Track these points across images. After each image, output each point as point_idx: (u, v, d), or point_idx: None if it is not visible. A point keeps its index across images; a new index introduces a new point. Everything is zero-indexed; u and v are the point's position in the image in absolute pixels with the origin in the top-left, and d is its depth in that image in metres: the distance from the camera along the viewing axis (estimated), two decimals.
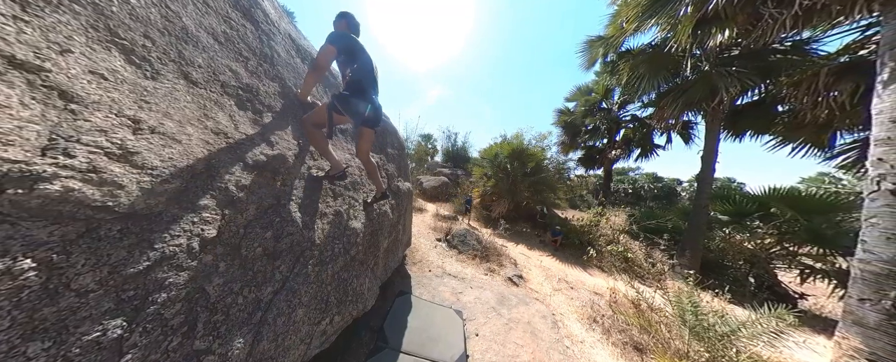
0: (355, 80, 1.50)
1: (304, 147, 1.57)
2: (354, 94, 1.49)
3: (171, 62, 0.99)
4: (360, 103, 1.50)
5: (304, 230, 1.24)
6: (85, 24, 0.75)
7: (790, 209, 4.03)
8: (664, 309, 2.76)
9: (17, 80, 0.57)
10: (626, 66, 5.45)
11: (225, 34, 1.29)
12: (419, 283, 3.41)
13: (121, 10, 0.86)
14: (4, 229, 0.47)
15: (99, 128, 0.68)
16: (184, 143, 0.87)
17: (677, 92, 5.16)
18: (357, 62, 1.51)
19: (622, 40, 5.62)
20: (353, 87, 1.50)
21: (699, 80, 4.82)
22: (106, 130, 0.69)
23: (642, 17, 4.12)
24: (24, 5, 0.64)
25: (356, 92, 1.49)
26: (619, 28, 5.46)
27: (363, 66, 1.52)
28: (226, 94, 1.20)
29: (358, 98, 1.49)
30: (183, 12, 1.08)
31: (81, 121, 0.65)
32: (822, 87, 3.22)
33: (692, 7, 3.36)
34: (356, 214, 1.75)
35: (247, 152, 1.13)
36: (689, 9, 3.37)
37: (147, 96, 0.85)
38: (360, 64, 1.52)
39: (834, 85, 3.19)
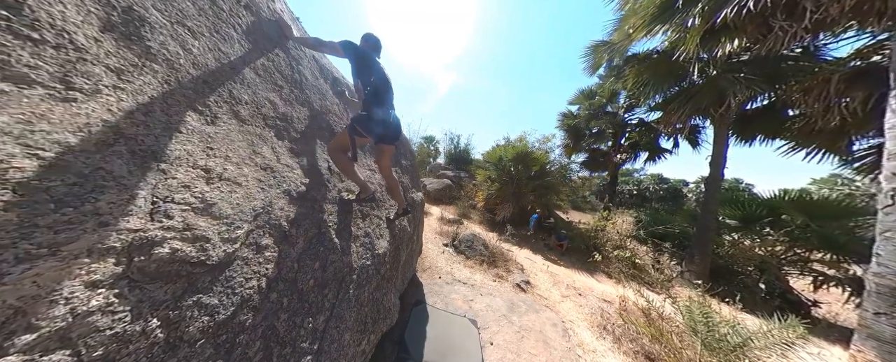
0: (372, 96, 1.54)
1: (333, 170, 1.64)
2: (372, 113, 1.53)
3: (225, 103, 1.06)
4: (378, 122, 1.54)
5: (343, 256, 1.31)
6: (161, 81, 0.82)
7: (802, 214, 4.03)
8: (675, 318, 2.86)
9: (124, 150, 0.64)
10: (632, 70, 5.50)
11: (263, 66, 1.35)
12: (431, 291, 3.50)
13: (186, 60, 0.92)
14: (136, 294, 0.54)
15: (184, 184, 0.75)
16: (244, 186, 0.94)
17: (684, 97, 5.23)
18: (373, 76, 1.55)
19: (628, 46, 5.67)
20: (370, 105, 1.54)
21: (707, 86, 4.89)
22: (188, 185, 0.76)
23: (650, 26, 4.18)
24: (119, 73, 0.71)
25: (373, 109, 1.53)
26: (625, 34, 5.51)
27: (379, 82, 1.56)
28: (267, 127, 1.27)
29: (376, 116, 1.53)
30: (231, 52, 1.15)
31: (170, 180, 0.72)
32: (834, 94, 3.23)
33: (700, 19, 3.41)
34: (382, 233, 1.83)
35: (290, 184, 1.21)
36: (697, 20, 3.43)
37: (210, 142, 0.92)
38: (376, 79, 1.56)
39: (845, 92, 3.20)
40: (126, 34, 0.76)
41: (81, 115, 0.59)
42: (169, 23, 0.89)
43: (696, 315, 2.46)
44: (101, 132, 0.61)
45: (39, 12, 0.58)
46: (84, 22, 0.66)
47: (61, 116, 0.56)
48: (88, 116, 0.60)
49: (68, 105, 0.58)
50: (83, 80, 0.62)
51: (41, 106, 0.54)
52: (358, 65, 1.55)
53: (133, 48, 0.77)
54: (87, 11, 0.68)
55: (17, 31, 0.54)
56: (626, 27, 5.76)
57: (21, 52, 0.54)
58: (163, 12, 0.88)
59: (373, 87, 1.54)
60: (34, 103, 0.53)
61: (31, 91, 0.54)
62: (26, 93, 0.53)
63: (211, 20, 1.07)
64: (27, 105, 0.52)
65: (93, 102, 0.63)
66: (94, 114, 0.62)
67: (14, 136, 0.48)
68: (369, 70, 1.55)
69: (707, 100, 4.77)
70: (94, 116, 0.62)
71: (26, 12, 0.56)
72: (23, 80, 0.53)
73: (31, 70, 0.55)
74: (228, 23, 1.16)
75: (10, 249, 0.42)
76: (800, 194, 4.18)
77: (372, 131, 1.53)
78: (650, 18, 4.22)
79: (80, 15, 0.66)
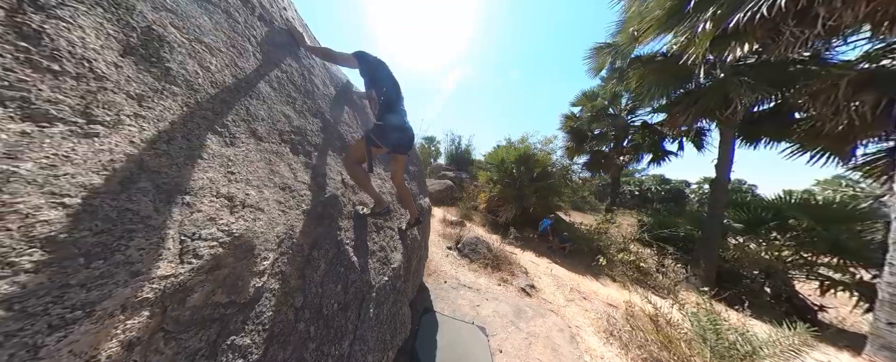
0: (386, 105, 1.51)
1: (347, 183, 1.61)
2: (388, 121, 1.49)
3: (242, 122, 1.01)
4: (395, 128, 1.50)
5: (361, 274, 1.28)
6: (181, 105, 0.78)
7: (808, 218, 4.02)
8: (682, 324, 2.87)
9: (149, 186, 0.60)
10: (636, 73, 5.47)
11: (277, 78, 1.31)
12: (438, 296, 3.48)
13: (205, 80, 0.88)
14: (172, 347, 0.51)
15: (209, 217, 0.71)
16: (266, 211, 0.90)
17: (690, 99, 5.21)
18: (385, 86, 1.53)
19: (633, 49, 5.63)
20: (385, 113, 1.50)
21: (713, 89, 4.87)
22: (214, 217, 0.72)
23: (658, 31, 4.14)
24: (140, 99, 0.67)
25: (389, 118, 1.50)
26: (630, 37, 5.47)
27: (392, 90, 1.54)
28: (283, 142, 1.23)
29: (392, 123, 1.50)
30: (247, 66, 1.10)
31: (196, 213, 0.68)
32: (842, 98, 3.21)
33: (711, 24, 3.38)
34: (396, 245, 1.80)
35: (309, 203, 1.17)
36: (708, 25, 3.40)
37: (231, 166, 0.88)
38: (389, 87, 1.53)
39: (855, 96, 3.17)
40: (146, 56, 0.71)
41: (105, 152, 0.55)
42: (187, 41, 0.84)
43: (704, 322, 2.46)
44: (125, 168, 0.57)
45: (59, 40, 0.54)
46: (104, 47, 0.62)
47: (85, 155, 0.52)
48: (112, 152, 0.56)
49: (91, 141, 0.54)
50: (105, 111, 0.58)
51: (64, 145, 0.50)
52: (371, 75, 1.52)
53: (153, 71, 0.72)
54: (106, 35, 0.63)
55: (37, 64, 0.50)
56: (630, 29, 5.72)
57: (41, 87, 0.50)
58: (181, 30, 0.83)
59: (386, 96, 1.51)
60: (56, 143, 0.49)
61: (53, 129, 0.50)
62: (48, 132, 0.48)
63: (227, 34, 1.02)
64: (49, 146, 0.48)
65: (115, 135, 0.58)
66: (117, 148, 0.58)
67: (39, 185, 0.44)
68: (382, 79, 1.52)
69: (713, 102, 4.74)
70: (118, 151, 0.57)
71: (46, 41, 0.52)
72: (44, 118, 0.49)
73: (52, 105, 0.51)
74: (244, 35, 1.11)
75: (43, 317, 0.39)
76: (806, 197, 4.17)
77: (388, 141, 1.49)
78: (659, 23, 4.18)
79: (100, 39, 0.62)
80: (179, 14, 0.84)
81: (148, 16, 0.75)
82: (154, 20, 0.76)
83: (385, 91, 1.51)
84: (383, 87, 1.51)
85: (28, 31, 0.50)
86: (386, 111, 1.50)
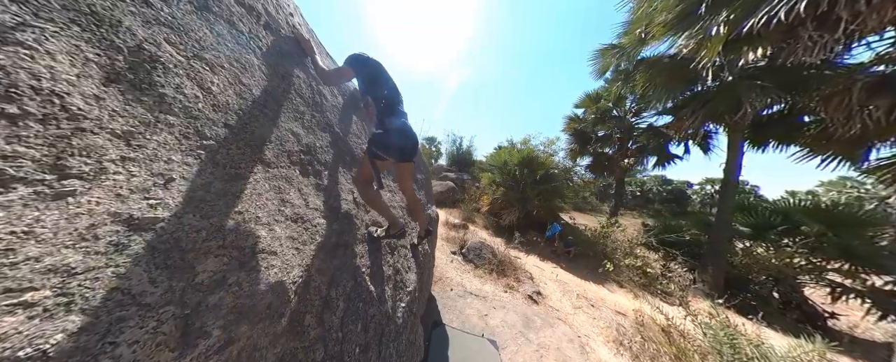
0: (386, 110, 1.38)
1: (358, 202, 1.49)
2: (389, 125, 1.36)
3: (248, 147, 0.89)
4: (396, 132, 1.36)
5: (379, 305, 1.18)
6: (179, 136, 0.65)
7: (818, 223, 3.94)
8: (694, 334, 2.81)
9: (142, 250, 0.49)
10: (642, 75, 5.37)
11: (284, 92, 1.18)
12: (445, 306, 3.40)
13: (206, 103, 0.75)
14: None
15: (216, 279, 0.59)
16: (279, 254, 0.79)
17: (697, 102, 5.12)
18: (386, 89, 1.40)
19: (639, 51, 5.53)
20: (385, 119, 1.37)
21: (722, 92, 4.78)
22: (223, 277, 0.61)
23: (668, 33, 4.04)
24: (128, 138, 0.54)
25: (390, 123, 1.36)
26: (637, 39, 5.36)
27: (391, 93, 1.41)
28: (292, 165, 1.11)
29: (393, 126, 1.36)
30: (252, 82, 0.97)
31: (200, 276, 0.57)
32: (856, 103, 3.13)
33: (725, 27, 3.28)
34: (409, 265, 1.69)
35: (323, 234, 1.05)
36: (722, 29, 3.30)
37: (238, 204, 0.76)
38: (389, 90, 1.41)
39: (869, 100, 3.09)
40: (135, 83, 0.59)
41: (82, 215, 0.43)
42: (185, 59, 0.72)
43: (719, 335, 2.40)
44: (111, 232, 0.46)
45: (17, 74, 0.42)
46: (81, 76, 0.49)
47: (55, 225, 0.40)
48: (92, 213, 0.44)
49: (63, 203, 0.42)
50: (82, 159, 0.46)
51: (25, 216, 0.38)
52: (369, 77, 1.38)
53: (144, 100, 0.60)
54: (84, 60, 0.51)
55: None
56: (637, 31, 5.61)
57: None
58: (178, 46, 0.70)
59: (387, 100, 1.38)
60: (15, 215, 0.37)
61: (10, 196, 0.38)
62: (2, 202, 0.37)
63: (230, 47, 0.89)
64: (3, 219, 0.36)
65: (96, 189, 0.46)
66: (98, 207, 0.46)
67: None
68: (380, 82, 1.38)
69: (722, 106, 4.66)
70: (100, 211, 0.46)
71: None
72: (1, 184, 0.37)
73: (9, 163, 0.39)
74: (248, 47, 0.98)
75: None
76: (815, 201, 4.11)
77: (391, 150, 1.35)
78: (670, 25, 4.08)
79: (76, 66, 0.49)
80: (176, 28, 0.71)
81: (138, 33, 0.62)
82: (145, 37, 0.63)
83: (386, 94, 1.38)
84: (384, 90, 1.38)
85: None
86: (387, 116, 1.36)
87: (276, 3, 1.23)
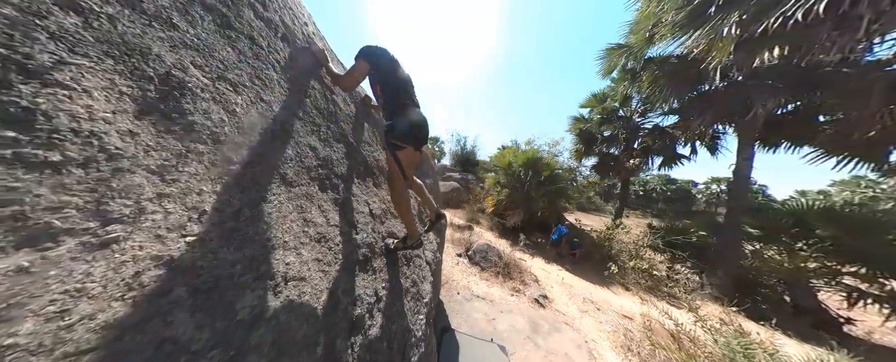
0: (397, 99, 1.35)
1: (373, 213, 1.48)
2: (402, 117, 1.32)
3: (271, 168, 0.87)
4: (408, 124, 1.32)
5: (400, 320, 1.17)
6: (208, 165, 0.64)
7: (833, 226, 3.83)
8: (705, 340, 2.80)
9: (185, 293, 0.47)
10: (648, 75, 5.30)
11: (302, 106, 1.16)
12: (452, 310, 3.40)
13: (231, 126, 0.73)
14: None
15: (254, 314, 0.58)
16: (308, 279, 0.78)
17: (705, 103, 5.06)
18: (399, 78, 1.37)
19: (646, 51, 5.46)
20: (397, 108, 1.34)
21: (730, 92, 4.71)
22: (260, 312, 0.60)
23: (677, 33, 3.97)
24: (162, 173, 0.53)
25: (402, 112, 1.33)
26: (645, 39, 5.28)
27: (404, 82, 1.38)
28: (311, 181, 1.09)
29: (405, 119, 1.32)
30: (272, 98, 0.95)
31: (241, 313, 0.55)
32: (875, 102, 3.04)
33: (738, 28, 3.22)
34: (424, 275, 1.69)
35: (346, 254, 1.04)
36: (734, 29, 3.23)
37: (267, 229, 0.74)
38: (402, 79, 1.39)
39: (890, 98, 3.00)
40: (166, 113, 0.57)
41: (128, 262, 0.42)
42: (210, 81, 0.70)
43: (733, 343, 2.39)
44: (155, 278, 0.44)
45: (58, 117, 0.40)
46: (116, 112, 0.48)
47: (103, 276, 0.39)
48: (136, 259, 0.43)
49: (109, 252, 0.41)
50: (122, 201, 0.45)
51: (75, 271, 0.37)
52: (381, 68, 1.35)
53: (174, 130, 0.58)
54: (119, 94, 0.49)
55: (30, 160, 0.36)
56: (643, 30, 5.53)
57: (39, 192, 0.36)
58: (204, 69, 0.68)
59: (400, 89, 1.37)
60: (65, 271, 0.36)
61: (59, 250, 0.36)
62: (53, 258, 0.35)
63: (251, 64, 0.87)
64: (56, 279, 0.35)
65: (137, 233, 0.45)
66: (141, 252, 0.44)
67: (47, 353, 0.31)
68: (393, 71, 1.36)
69: (731, 106, 4.60)
70: (143, 256, 0.44)
71: (41, 123, 0.38)
72: (47, 236, 0.36)
73: (55, 214, 0.37)
74: (267, 62, 0.96)
75: None
76: (829, 203, 4.00)
77: (407, 136, 1.31)
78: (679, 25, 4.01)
79: (111, 102, 0.48)
80: (201, 49, 0.69)
81: (166, 59, 0.60)
82: (173, 63, 0.61)
83: (399, 82, 1.36)
84: (397, 79, 1.36)
85: (17, 112, 0.37)
86: (400, 103, 1.34)
87: (292, 14, 1.21)
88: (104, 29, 0.49)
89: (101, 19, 0.49)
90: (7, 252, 0.32)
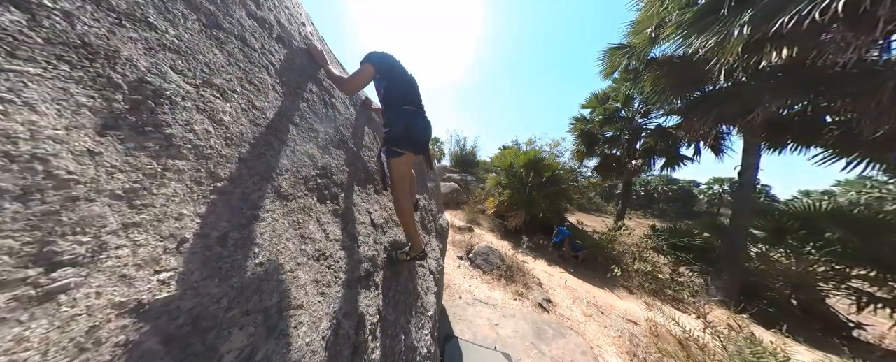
0: (393, 100, 1.34)
1: (375, 222, 1.40)
2: (401, 121, 1.31)
3: (264, 181, 0.79)
4: (408, 128, 1.31)
5: (405, 338, 1.10)
6: (190, 183, 0.56)
7: (843, 229, 3.75)
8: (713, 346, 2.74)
9: (155, 343, 0.39)
10: (651, 75, 5.23)
11: (299, 112, 1.08)
12: (455, 315, 3.34)
13: (218, 138, 0.65)
14: None
15: (243, 357, 0.51)
16: (306, 306, 0.70)
17: (709, 103, 4.99)
18: (404, 82, 1.37)
19: (649, 51, 5.38)
20: (398, 112, 1.33)
21: (735, 92, 4.64)
22: (251, 354, 0.52)
23: (682, 34, 3.89)
24: (130, 198, 0.45)
25: (401, 117, 1.32)
26: (646, 38, 5.20)
27: (408, 86, 1.38)
28: (309, 192, 1.01)
29: (405, 123, 1.30)
30: (266, 104, 0.87)
31: (226, 358, 0.48)
32: (888, 102, 2.98)
33: (749, 28, 3.14)
34: (428, 285, 1.61)
35: (346, 270, 0.96)
36: (747, 30, 3.15)
37: (259, 252, 0.66)
38: (407, 83, 1.38)
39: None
40: (137, 126, 0.49)
41: (80, 316, 0.34)
42: (194, 88, 0.62)
43: (745, 352, 2.32)
44: (117, 330, 0.36)
45: None
46: (70, 128, 0.40)
47: (43, 339, 0.31)
48: (91, 311, 0.35)
49: (53, 306, 0.33)
50: (75, 238, 0.37)
51: (1, 339, 0.29)
52: (389, 73, 1.34)
53: (148, 146, 0.50)
54: (74, 107, 0.41)
55: None
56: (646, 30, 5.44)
57: None
58: (185, 73, 0.60)
59: (404, 93, 1.36)
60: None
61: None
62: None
63: (242, 67, 0.79)
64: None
65: (95, 275, 0.37)
66: (98, 300, 0.36)
67: None
68: (399, 75, 1.36)
69: (736, 107, 4.53)
70: (100, 306, 0.36)
71: None
72: None
73: None
74: (261, 65, 0.88)
75: None
76: (836, 207, 3.92)
77: (404, 142, 1.30)
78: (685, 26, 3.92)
79: (64, 117, 0.39)
80: (183, 51, 0.61)
81: (139, 63, 0.52)
82: (148, 68, 0.53)
83: (404, 86, 1.36)
84: (402, 83, 1.36)
85: None
86: (401, 107, 1.33)
87: (288, 13, 1.12)
88: (57, 29, 0.41)
89: (53, 17, 0.41)
90: None
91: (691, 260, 4.56)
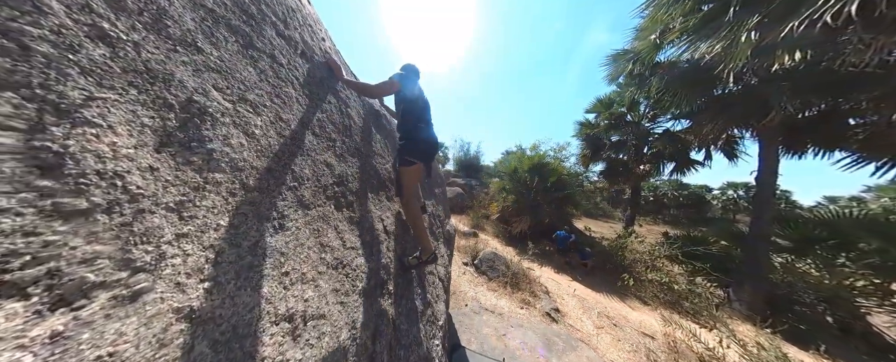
0: (410, 115, 1.55)
1: (387, 229, 1.45)
2: (418, 136, 1.53)
3: (288, 191, 0.85)
4: (422, 143, 1.54)
5: (418, 348, 1.14)
6: (226, 195, 0.62)
7: (876, 238, 3.52)
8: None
9: (206, 348, 0.44)
10: (658, 81, 5.24)
11: (318, 121, 1.15)
12: (461, 324, 3.33)
13: (250, 151, 0.72)
14: None
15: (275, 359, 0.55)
16: (328, 316, 0.75)
17: (718, 107, 4.97)
18: (420, 98, 1.57)
19: (654, 56, 5.42)
20: (414, 127, 1.54)
21: (746, 95, 4.62)
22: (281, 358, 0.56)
23: (691, 41, 3.92)
24: (180, 210, 0.51)
25: (412, 131, 1.54)
26: (651, 44, 5.25)
27: (413, 102, 1.56)
28: (327, 200, 1.07)
29: (420, 139, 1.54)
30: (291, 116, 0.94)
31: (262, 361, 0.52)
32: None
33: (757, 33, 3.16)
34: (438, 293, 1.65)
35: (363, 278, 1.01)
36: (755, 35, 3.18)
37: (284, 262, 0.72)
38: (422, 100, 1.58)
39: None
40: (185, 142, 0.55)
41: (157, 316, 0.39)
42: (231, 105, 0.68)
43: None
44: (179, 332, 0.42)
45: (85, 160, 0.38)
46: (138, 147, 0.46)
47: (137, 335, 0.36)
48: (161, 313, 0.41)
49: (140, 305, 0.38)
50: (144, 247, 0.42)
51: (108, 332, 0.34)
52: (410, 89, 1.55)
53: (194, 161, 0.56)
54: (140, 127, 0.47)
55: (64, 210, 0.34)
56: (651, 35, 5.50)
57: (73, 244, 0.34)
58: (225, 92, 0.67)
59: (419, 109, 1.56)
60: (98, 333, 0.33)
61: (92, 307, 0.34)
62: (85, 318, 0.33)
63: (271, 83, 0.86)
64: (89, 342, 0.32)
65: (160, 283, 0.43)
66: (163, 303, 0.42)
67: None
68: (414, 93, 1.56)
69: (746, 110, 4.51)
70: (166, 309, 0.42)
71: (70, 168, 0.36)
72: (79, 294, 0.33)
73: (89, 267, 0.35)
74: (287, 80, 0.95)
75: None
76: (871, 215, 3.71)
77: (416, 153, 1.52)
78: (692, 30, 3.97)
79: (133, 137, 0.46)
80: (224, 71, 0.68)
81: (188, 84, 0.58)
82: (195, 88, 0.60)
83: (419, 103, 1.55)
84: (418, 99, 1.56)
85: (48, 159, 0.35)
86: (417, 122, 1.54)
87: (311, 31, 1.21)
88: (129, 58, 0.48)
89: (126, 48, 0.47)
90: (43, 315, 0.30)
91: (709, 269, 4.45)
